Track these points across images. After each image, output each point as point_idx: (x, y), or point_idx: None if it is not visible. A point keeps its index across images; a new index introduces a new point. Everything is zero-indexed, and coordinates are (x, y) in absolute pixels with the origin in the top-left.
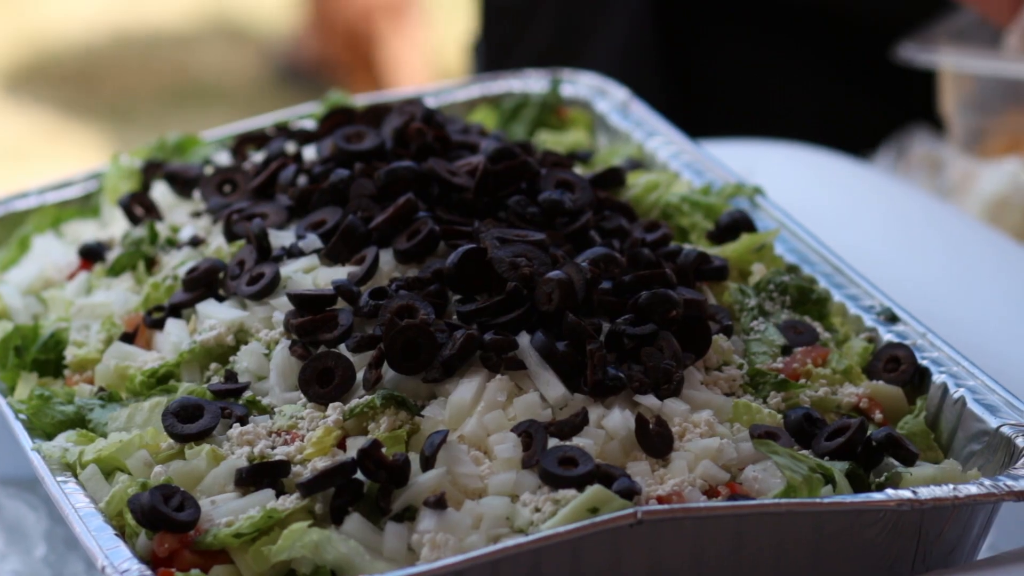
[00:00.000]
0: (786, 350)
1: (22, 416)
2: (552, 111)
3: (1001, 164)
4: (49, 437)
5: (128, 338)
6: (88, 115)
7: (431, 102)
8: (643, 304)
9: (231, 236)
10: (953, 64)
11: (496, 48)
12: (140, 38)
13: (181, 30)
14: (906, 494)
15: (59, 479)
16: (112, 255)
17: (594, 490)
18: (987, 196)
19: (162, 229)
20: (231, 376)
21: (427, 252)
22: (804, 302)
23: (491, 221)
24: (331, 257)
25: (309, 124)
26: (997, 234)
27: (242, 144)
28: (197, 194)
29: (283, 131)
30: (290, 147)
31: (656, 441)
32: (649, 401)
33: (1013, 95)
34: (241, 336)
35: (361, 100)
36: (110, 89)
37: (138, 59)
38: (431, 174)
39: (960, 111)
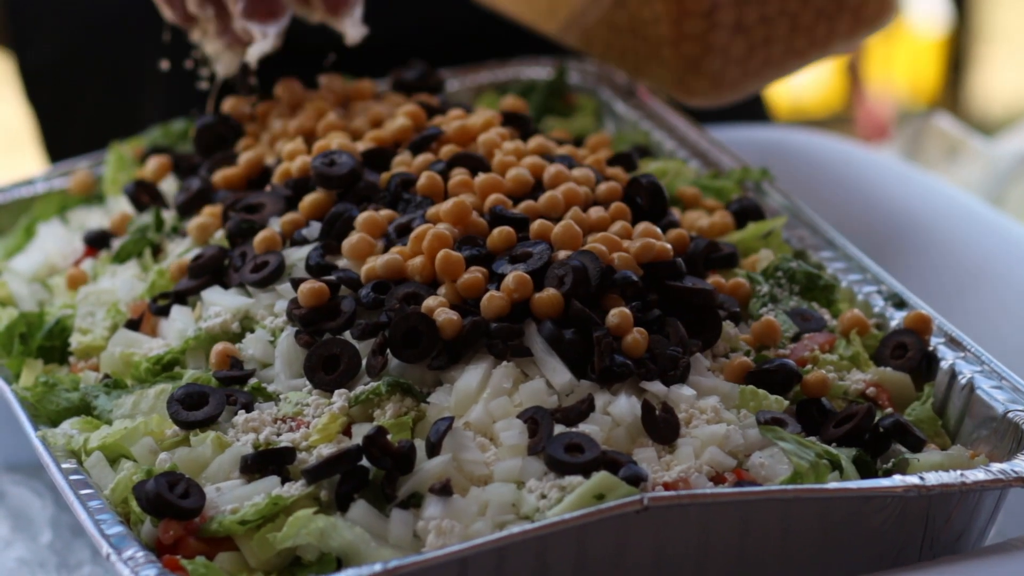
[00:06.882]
0: (794, 337)
1: (27, 403)
2: (559, 97)
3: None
4: (54, 424)
5: (133, 325)
6: None
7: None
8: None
9: (229, 227)
10: None
11: (47, 119)
12: None
13: None
14: (913, 480)
15: (64, 466)
16: (117, 242)
17: (600, 476)
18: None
19: (167, 216)
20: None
21: None
22: (812, 288)
23: None
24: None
25: None
26: (1006, 219)
27: None
28: None
29: None
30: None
31: (662, 427)
32: (656, 387)
33: None
34: (246, 323)
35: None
36: None
37: None
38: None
39: None
